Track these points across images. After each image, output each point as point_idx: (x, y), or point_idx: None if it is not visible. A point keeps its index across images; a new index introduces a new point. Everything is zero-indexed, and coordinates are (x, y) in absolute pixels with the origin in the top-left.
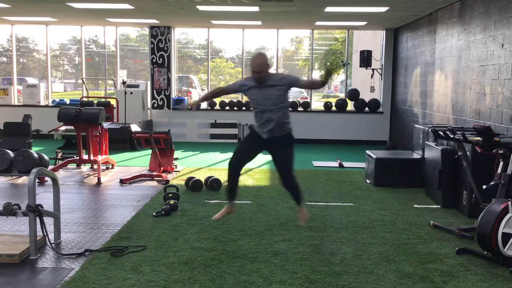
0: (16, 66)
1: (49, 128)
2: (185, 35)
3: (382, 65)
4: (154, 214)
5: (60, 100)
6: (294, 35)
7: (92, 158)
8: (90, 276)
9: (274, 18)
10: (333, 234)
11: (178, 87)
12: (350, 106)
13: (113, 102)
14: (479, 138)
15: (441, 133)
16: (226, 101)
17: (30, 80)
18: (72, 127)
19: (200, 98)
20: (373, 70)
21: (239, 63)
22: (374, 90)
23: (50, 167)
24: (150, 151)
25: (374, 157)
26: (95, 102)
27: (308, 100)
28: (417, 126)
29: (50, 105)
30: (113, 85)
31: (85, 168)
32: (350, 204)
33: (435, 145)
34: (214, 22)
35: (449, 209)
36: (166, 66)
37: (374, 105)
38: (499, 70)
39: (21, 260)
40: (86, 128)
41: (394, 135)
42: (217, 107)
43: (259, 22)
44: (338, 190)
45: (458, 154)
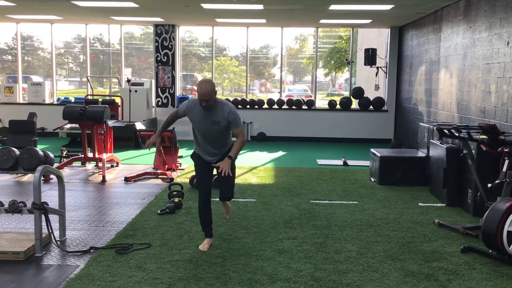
0: (21, 64)
1: (54, 126)
2: (189, 33)
3: (386, 63)
4: (159, 212)
5: (65, 98)
6: (299, 33)
7: (97, 156)
8: (95, 273)
9: (278, 16)
10: (337, 232)
11: (182, 85)
12: (355, 104)
13: (117, 100)
14: (485, 136)
15: (446, 131)
16: (231, 99)
17: (35, 78)
18: (77, 125)
19: (157, 133)
20: (377, 68)
21: (243, 61)
22: (378, 88)
23: (55, 165)
24: (154, 149)
25: (379, 155)
26: (100, 100)
27: (312, 98)
28: (422, 124)
29: (55, 103)
30: (117, 83)
31: (90, 166)
32: (355, 202)
33: (440, 143)
34: (218, 20)
35: (454, 207)
36: (170, 64)
37: (378, 103)
38: (505, 68)
39: (26, 257)
40: (91, 126)
41: (398, 133)
42: None
43: (264, 20)
44: (343, 188)
45: (463, 152)
